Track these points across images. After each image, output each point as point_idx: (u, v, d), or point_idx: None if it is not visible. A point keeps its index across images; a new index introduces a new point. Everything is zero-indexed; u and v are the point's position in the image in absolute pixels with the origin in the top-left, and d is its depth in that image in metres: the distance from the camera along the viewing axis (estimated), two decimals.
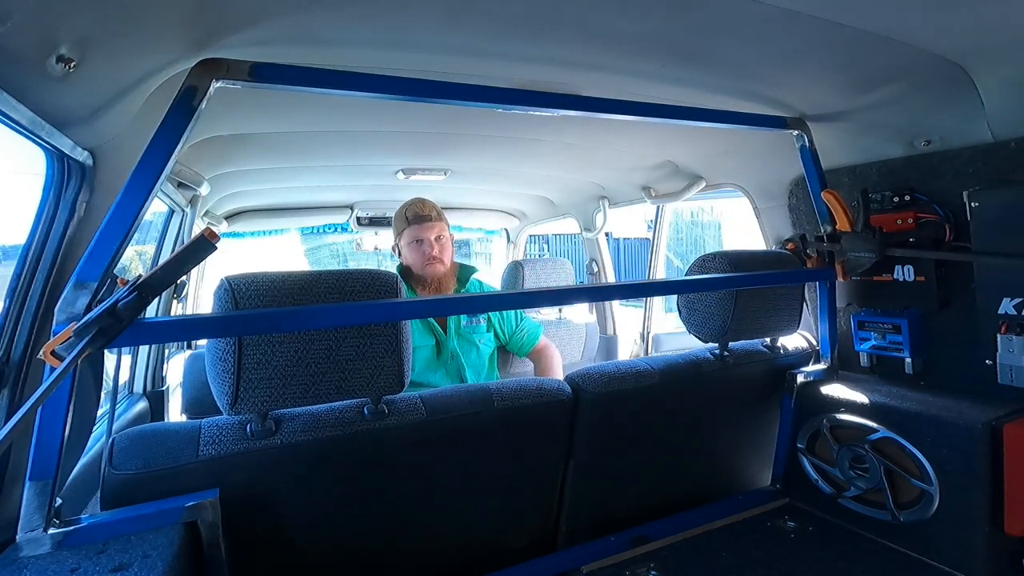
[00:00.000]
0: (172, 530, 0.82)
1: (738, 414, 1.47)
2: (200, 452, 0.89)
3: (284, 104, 1.33)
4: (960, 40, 0.97)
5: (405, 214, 1.80)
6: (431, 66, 1.07)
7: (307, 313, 0.87)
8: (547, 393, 1.16)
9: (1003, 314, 1.15)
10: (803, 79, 1.21)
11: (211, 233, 0.76)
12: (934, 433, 1.17)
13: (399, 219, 1.82)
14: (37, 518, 0.77)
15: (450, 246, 1.84)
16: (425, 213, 1.78)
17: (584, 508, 1.28)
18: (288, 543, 1.00)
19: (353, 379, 0.95)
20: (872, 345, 1.43)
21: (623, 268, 10.09)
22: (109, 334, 0.74)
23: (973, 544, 1.13)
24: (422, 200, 1.83)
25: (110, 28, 0.75)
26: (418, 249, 1.78)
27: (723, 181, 1.94)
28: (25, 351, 0.85)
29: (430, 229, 1.77)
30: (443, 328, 1.80)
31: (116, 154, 0.96)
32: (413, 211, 1.79)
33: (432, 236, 1.77)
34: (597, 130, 1.67)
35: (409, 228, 1.78)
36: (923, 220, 1.29)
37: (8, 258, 0.94)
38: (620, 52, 1.06)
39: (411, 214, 1.79)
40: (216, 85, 0.86)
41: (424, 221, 1.77)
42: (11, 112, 0.72)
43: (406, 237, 1.80)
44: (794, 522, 1.37)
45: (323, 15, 0.88)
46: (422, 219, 1.77)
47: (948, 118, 1.20)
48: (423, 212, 1.78)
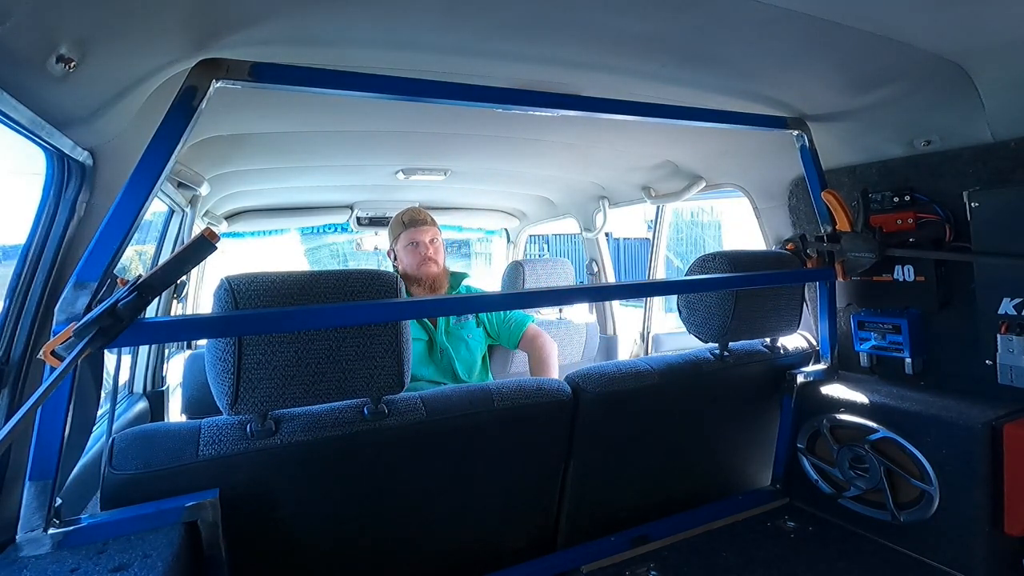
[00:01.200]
0: (172, 530, 0.82)
1: (738, 414, 1.47)
2: (200, 452, 0.89)
3: (284, 104, 1.33)
4: (960, 40, 0.97)
5: (402, 219, 1.95)
6: (431, 66, 1.07)
7: (307, 313, 0.87)
8: (547, 393, 1.16)
9: (1003, 314, 1.15)
10: (803, 79, 1.21)
11: (211, 233, 0.76)
12: (934, 433, 1.17)
13: (395, 225, 1.96)
14: (37, 518, 0.77)
15: (442, 250, 1.98)
16: (420, 218, 1.93)
17: (584, 508, 1.28)
18: (288, 543, 1.00)
19: (353, 379, 0.95)
20: (872, 345, 1.43)
21: (623, 268, 10.09)
22: (109, 334, 0.74)
23: (973, 544, 1.12)
24: (417, 208, 2.00)
25: (110, 28, 0.75)
26: (414, 251, 1.91)
27: (723, 181, 1.93)
28: (25, 351, 0.85)
29: (425, 232, 1.91)
30: (433, 324, 1.87)
31: (116, 154, 0.96)
32: (409, 216, 1.94)
33: (427, 239, 1.91)
34: (597, 130, 1.68)
35: (405, 231, 1.92)
36: (923, 220, 1.29)
37: (8, 258, 0.94)
38: (620, 52, 1.06)
39: (407, 218, 1.93)
40: (216, 85, 0.86)
41: (420, 225, 1.92)
42: (11, 112, 0.72)
43: (402, 240, 1.93)
44: (794, 522, 1.37)
45: (323, 15, 0.88)
46: (418, 223, 1.92)
47: (948, 118, 1.20)
48: (419, 217, 1.93)
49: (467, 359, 1.90)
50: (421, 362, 1.83)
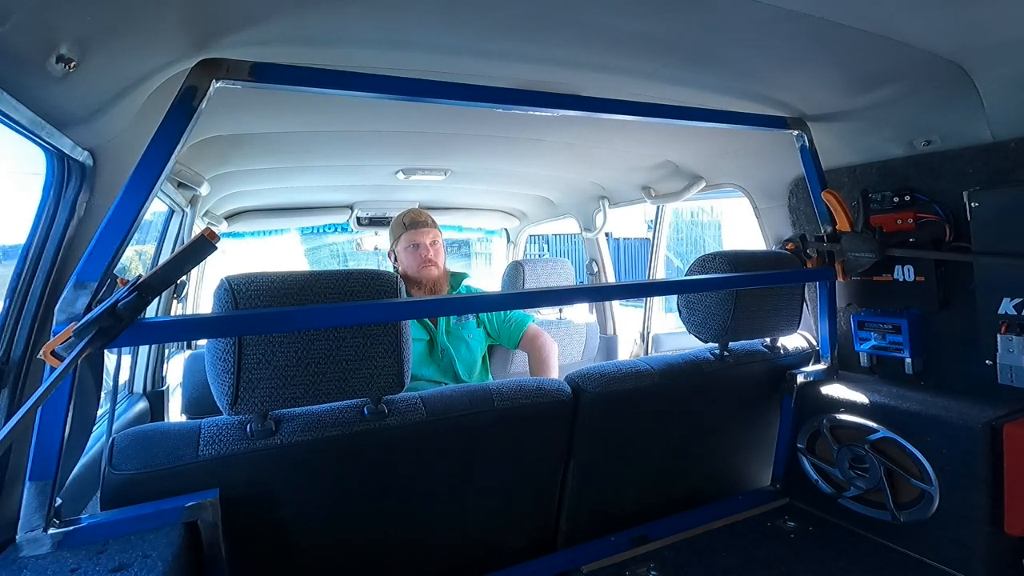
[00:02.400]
0: (172, 530, 0.82)
1: (738, 414, 1.47)
2: (200, 452, 0.89)
3: (284, 104, 1.33)
4: (960, 40, 0.97)
5: (403, 221, 1.94)
6: (431, 66, 1.07)
7: (307, 313, 0.87)
8: (547, 393, 1.16)
9: (1003, 314, 1.15)
10: (803, 79, 1.21)
11: (211, 233, 0.76)
12: (934, 433, 1.17)
13: (396, 226, 1.95)
14: (37, 518, 0.76)
15: (443, 252, 1.97)
16: (421, 220, 1.93)
17: (584, 508, 1.28)
18: (288, 543, 1.00)
19: (353, 379, 0.95)
20: (872, 345, 1.43)
21: (623, 268, 10.09)
22: (109, 334, 0.74)
23: (973, 544, 1.12)
24: (417, 209, 2.01)
25: (110, 28, 0.75)
26: (415, 253, 1.90)
27: (723, 181, 1.93)
28: (25, 351, 0.85)
29: (426, 234, 1.90)
30: (434, 324, 1.87)
31: (116, 154, 0.96)
32: (410, 217, 1.93)
33: (428, 240, 1.90)
34: (597, 130, 1.68)
35: (406, 233, 1.91)
36: (923, 220, 1.29)
37: (8, 258, 0.94)
38: (620, 52, 1.06)
39: (408, 220, 1.93)
40: (216, 85, 0.86)
41: (421, 227, 1.91)
42: (11, 112, 0.72)
43: (403, 242, 1.92)
44: (794, 522, 1.37)
45: (323, 15, 0.88)
46: (419, 224, 1.91)
47: (948, 118, 1.20)
48: (419, 219, 1.93)
49: (467, 359, 1.90)
50: (422, 362, 1.83)
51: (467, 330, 1.93)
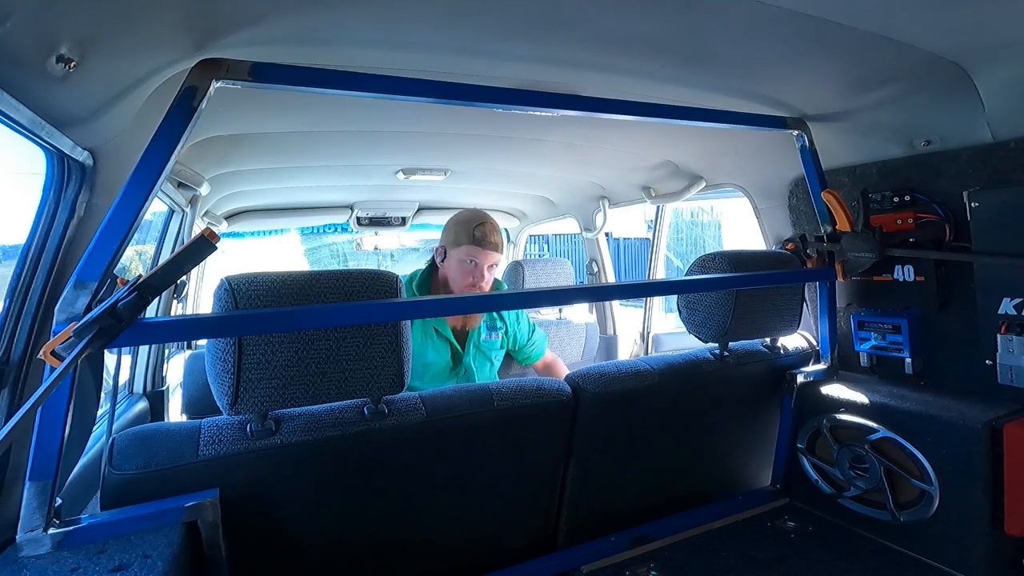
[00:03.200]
0: (172, 530, 0.82)
1: (738, 414, 1.47)
2: (200, 452, 0.89)
3: (284, 104, 1.33)
4: (960, 40, 0.97)
5: (473, 230, 1.69)
6: (431, 66, 1.07)
7: (307, 313, 0.87)
8: (547, 393, 1.16)
9: (1003, 314, 1.15)
10: (803, 79, 1.21)
11: (211, 233, 0.76)
12: (934, 433, 1.17)
13: (462, 230, 1.71)
14: (37, 518, 0.77)
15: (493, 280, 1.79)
16: (491, 241, 1.70)
17: (584, 508, 1.28)
18: (288, 543, 1.00)
19: (353, 379, 0.95)
20: (872, 345, 1.43)
21: (623, 268, 10.09)
22: (109, 334, 0.74)
23: (973, 544, 1.13)
24: (493, 225, 1.73)
25: (110, 28, 0.75)
26: (469, 270, 1.71)
27: (723, 181, 1.93)
28: (25, 351, 0.85)
29: (490, 257, 1.71)
30: (460, 342, 1.79)
31: (116, 154, 0.96)
32: (482, 231, 1.69)
33: (487, 263, 1.71)
34: (597, 130, 1.68)
35: (470, 246, 1.69)
36: (923, 220, 1.29)
37: (8, 258, 0.94)
38: (620, 52, 1.06)
39: (479, 233, 1.69)
40: (216, 85, 0.86)
41: (488, 247, 1.70)
42: (11, 112, 0.72)
43: (462, 252, 1.70)
44: (794, 522, 1.37)
45: (323, 15, 0.88)
46: (486, 244, 1.69)
47: (948, 118, 1.20)
48: (490, 239, 1.70)
49: (489, 378, 1.85)
50: (439, 377, 1.75)
51: (495, 350, 1.87)
